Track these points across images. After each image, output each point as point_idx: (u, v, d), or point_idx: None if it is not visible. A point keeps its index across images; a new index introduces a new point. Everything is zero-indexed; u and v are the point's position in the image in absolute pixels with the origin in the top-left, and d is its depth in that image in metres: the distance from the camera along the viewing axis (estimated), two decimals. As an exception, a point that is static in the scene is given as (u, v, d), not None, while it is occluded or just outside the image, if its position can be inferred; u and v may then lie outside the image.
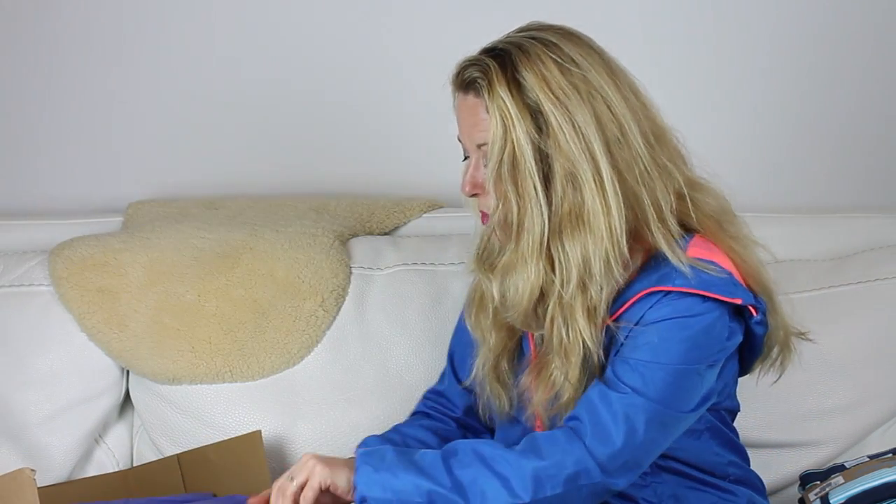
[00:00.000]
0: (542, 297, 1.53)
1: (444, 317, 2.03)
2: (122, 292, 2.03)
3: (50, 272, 2.05)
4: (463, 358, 1.77)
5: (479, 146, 1.52)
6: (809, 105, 2.33)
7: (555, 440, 1.51)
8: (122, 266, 2.04)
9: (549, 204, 1.48)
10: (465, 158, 1.57)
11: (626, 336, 1.52)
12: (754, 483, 1.74)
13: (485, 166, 1.52)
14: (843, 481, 1.81)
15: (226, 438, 1.97)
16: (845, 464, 1.86)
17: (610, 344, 1.54)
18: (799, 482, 1.90)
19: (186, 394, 2.03)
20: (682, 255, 1.52)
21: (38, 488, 1.64)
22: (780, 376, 1.71)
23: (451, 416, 1.81)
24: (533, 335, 1.63)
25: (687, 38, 2.28)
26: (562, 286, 1.50)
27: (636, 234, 1.53)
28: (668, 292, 1.51)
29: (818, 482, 1.85)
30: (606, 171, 1.47)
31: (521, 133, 1.46)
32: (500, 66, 1.49)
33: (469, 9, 2.28)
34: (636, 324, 1.52)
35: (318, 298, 2.03)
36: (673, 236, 1.53)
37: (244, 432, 1.97)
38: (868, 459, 1.86)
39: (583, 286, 1.50)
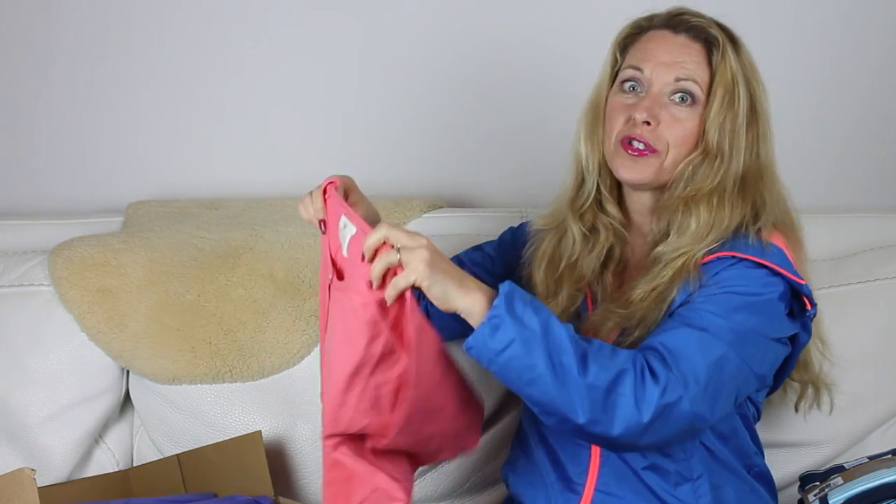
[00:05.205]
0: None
1: (443, 317, 2.03)
2: (122, 292, 2.03)
3: (50, 272, 2.05)
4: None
5: (677, 80, 1.70)
6: (809, 106, 2.33)
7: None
8: (122, 266, 2.04)
9: (750, 155, 1.71)
10: (632, 88, 1.73)
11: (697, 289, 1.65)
12: (769, 483, 1.79)
13: (678, 103, 1.70)
14: (842, 482, 1.81)
15: (226, 438, 1.97)
16: (844, 464, 1.86)
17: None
18: (798, 483, 1.90)
19: (186, 394, 2.03)
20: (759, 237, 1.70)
21: (38, 488, 1.64)
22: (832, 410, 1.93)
23: None
24: (593, 302, 1.76)
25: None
26: (745, 223, 1.68)
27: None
28: (740, 259, 1.65)
29: (817, 483, 1.85)
30: (773, 149, 1.75)
31: (743, 90, 1.70)
32: (724, 32, 1.72)
33: (462, 14, 2.28)
34: (702, 285, 1.65)
35: (319, 298, 2.02)
36: (761, 226, 1.70)
37: (244, 432, 1.97)
38: (867, 460, 1.86)
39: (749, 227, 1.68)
